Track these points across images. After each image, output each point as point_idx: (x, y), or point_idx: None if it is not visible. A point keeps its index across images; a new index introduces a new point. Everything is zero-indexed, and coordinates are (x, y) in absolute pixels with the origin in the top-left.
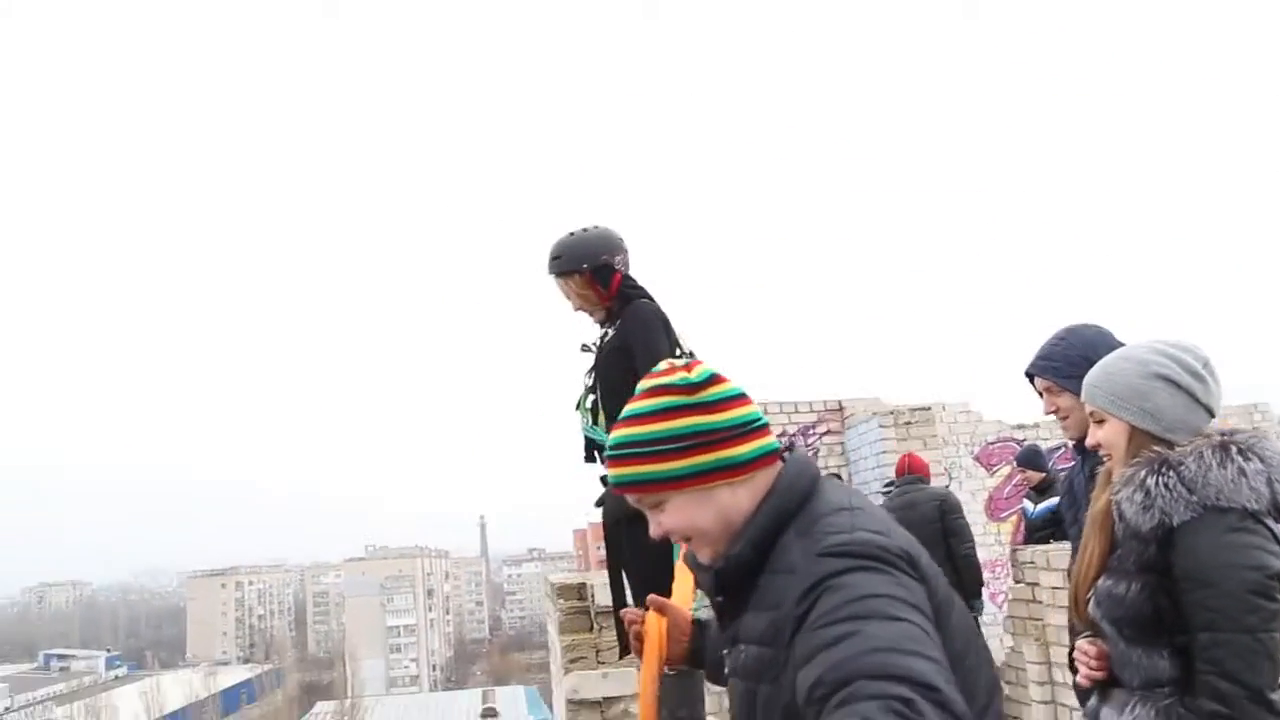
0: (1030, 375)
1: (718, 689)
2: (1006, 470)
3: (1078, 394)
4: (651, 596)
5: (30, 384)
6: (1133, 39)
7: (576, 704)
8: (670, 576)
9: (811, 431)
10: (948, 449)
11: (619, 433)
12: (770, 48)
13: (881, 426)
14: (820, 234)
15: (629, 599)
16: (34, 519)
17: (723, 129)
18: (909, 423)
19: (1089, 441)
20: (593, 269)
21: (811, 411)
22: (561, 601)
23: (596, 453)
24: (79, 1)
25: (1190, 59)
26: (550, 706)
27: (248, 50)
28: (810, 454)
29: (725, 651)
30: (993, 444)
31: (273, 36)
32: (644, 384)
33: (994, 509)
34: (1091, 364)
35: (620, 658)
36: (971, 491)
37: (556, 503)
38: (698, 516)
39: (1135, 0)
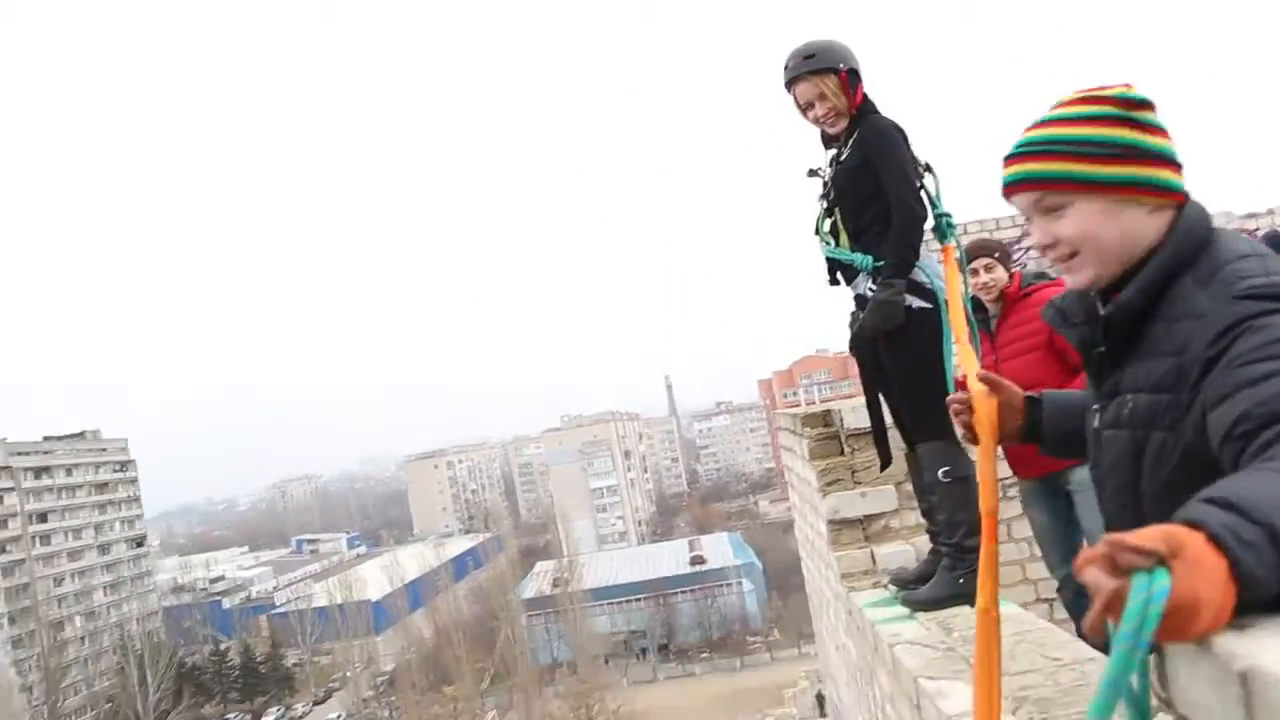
0: None
1: None
2: None
3: None
4: (982, 373)
5: (245, 313)
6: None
7: (838, 524)
8: (937, 384)
9: (1018, 246)
10: None
11: (1036, 132)
12: None
13: None
14: None
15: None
16: (269, 427)
17: None
18: None
19: None
20: (848, 70)
21: (1016, 226)
22: (808, 430)
23: (840, 275)
24: None
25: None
26: (751, 549)
27: None
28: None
29: (1095, 407)
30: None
31: None
32: (1074, 94)
33: None
34: None
35: (881, 470)
36: None
37: (737, 357)
38: (1103, 229)
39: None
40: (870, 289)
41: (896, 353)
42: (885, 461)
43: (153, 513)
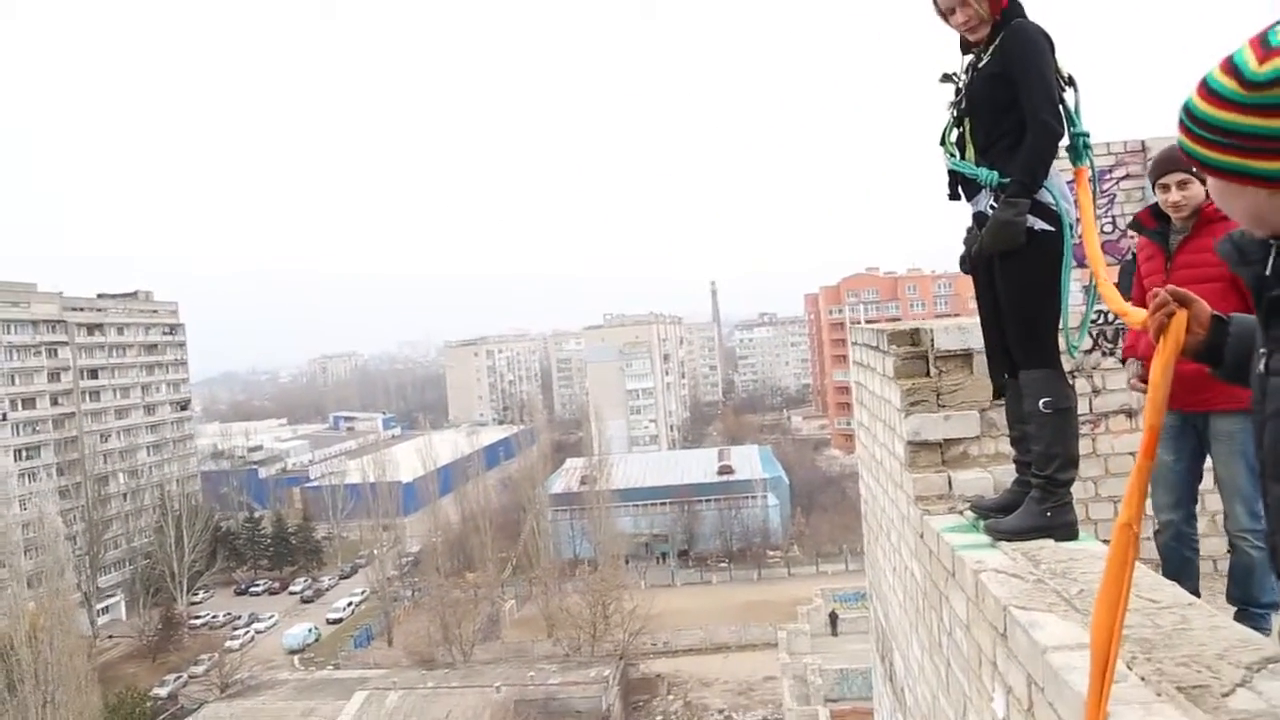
0: None
1: None
2: None
3: None
4: (1172, 287)
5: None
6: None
7: (917, 445)
8: (1051, 310)
9: (1107, 177)
10: None
11: (1187, 96)
12: None
13: None
14: None
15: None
16: (314, 301)
17: None
18: None
19: None
20: None
21: (1110, 154)
22: (895, 347)
23: (962, 188)
24: None
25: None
26: (780, 464)
27: None
28: (1106, 201)
29: (1263, 350)
30: None
31: None
32: (1228, 55)
33: None
34: None
35: (996, 398)
36: None
37: (786, 270)
38: (1227, 204)
39: None
40: (992, 206)
41: (1012, 275)
42: (999, 390)
43: (198, 378)
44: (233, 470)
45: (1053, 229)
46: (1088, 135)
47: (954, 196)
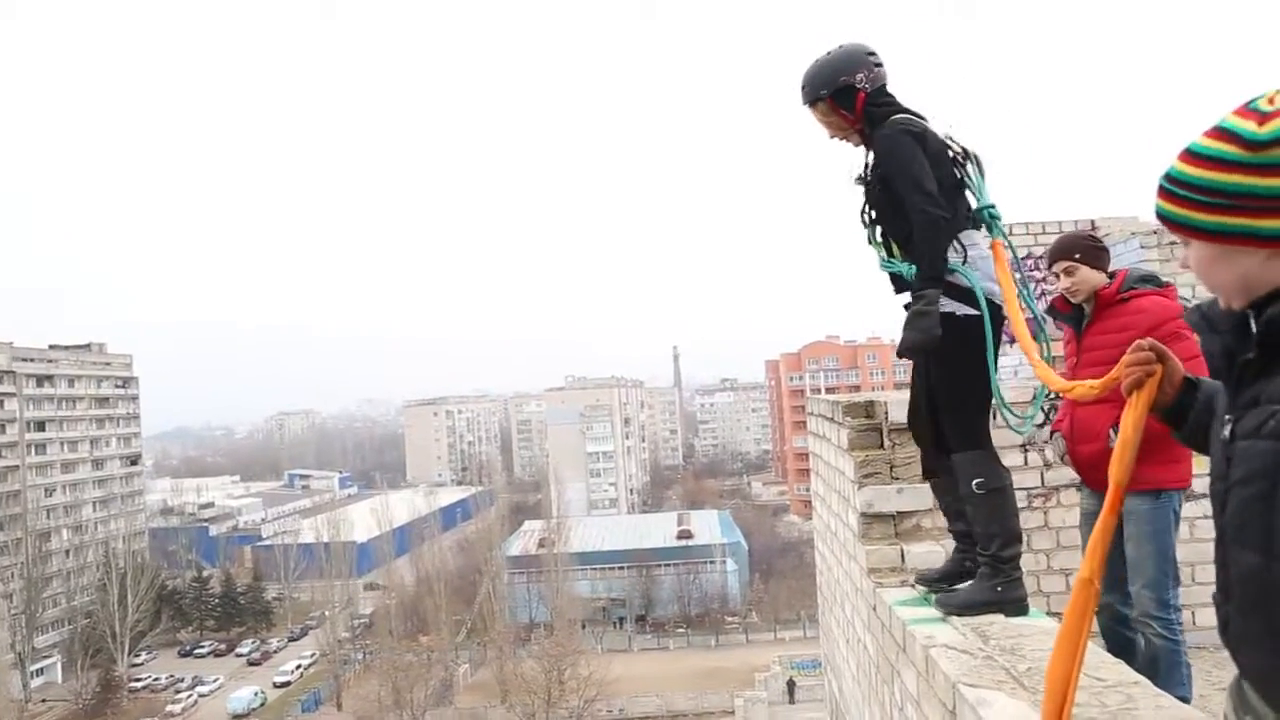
0: None
1: None
2: None
3: None
4: (1151, 341)
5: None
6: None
7: (870, 517)
8: (979, 394)
9: (1032, 259)
10: None
11: (1173, 164)
12: None
13: (1143, 247)
14: None
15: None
16: (272, 359)
17: None
18: (1173, 243)
19: None
20: (833, 94)
21: (1060, 231)
22: (849, 419)
23: (893, 284)
24: None
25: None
26: (739, 529)
27: None
28: (1042, 277)
29: (1228, 417)
30: None
31: None
32: (1216, 123)
33: None
34: None
35: (924, 479)
36: None
37: (747, 337)
38: (1216, 272)
39: None
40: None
41: (937, 362)
42: (928, 473)
43: (150, 432)
44: (182, 527)
45: (975, 312)
46: (993, 208)
47: (898, 291)
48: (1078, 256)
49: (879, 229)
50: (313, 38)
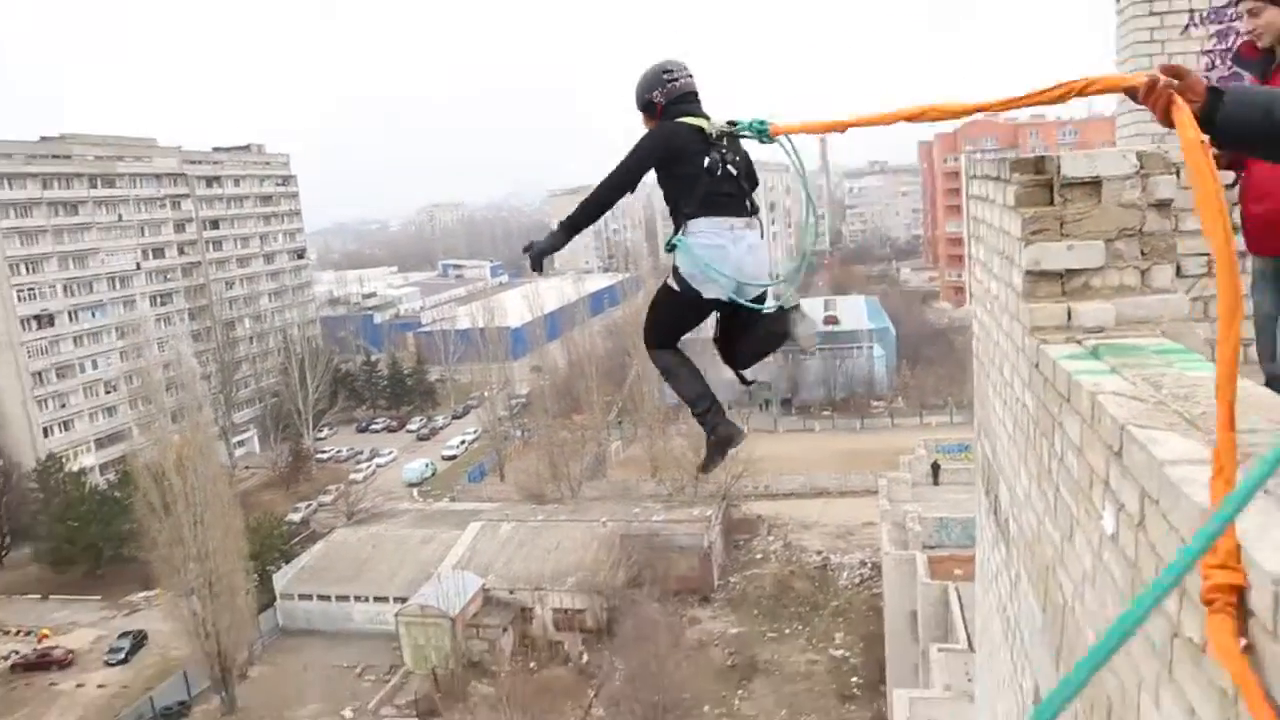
0: None
1: None
2: None
3: None
4: (1162, 64)
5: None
6: None
7: (1036, 275)
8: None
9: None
10: None
11: None
12: None
13: None
14: None
15: None
16: (421, 150)
17: None
18: None
19: None
20: (643, 109)
21: None
22: (1017, 175)
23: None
24: None
25: None
26: (887, 315)
27: None
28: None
29: None
30: None
31: None
32: None
33: None
34: None
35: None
36: None
37: None
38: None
39: None
40: None
41: (657, 297)
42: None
43: (311, 229)
44: (349, 316)
45: (676, 287)
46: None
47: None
48: None
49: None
50: None
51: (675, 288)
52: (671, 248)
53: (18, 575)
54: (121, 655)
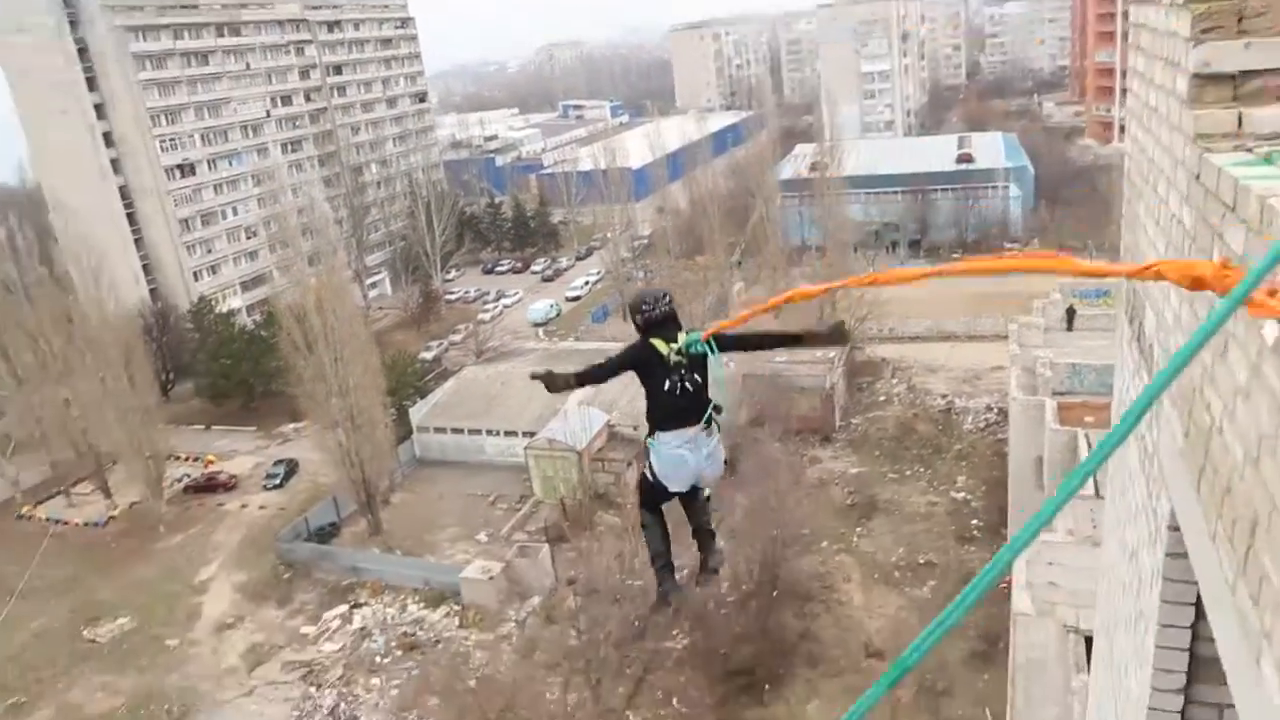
0: None
1: None
2: None
3: None
4: None
5: None
6: None
7: (1205, 79)
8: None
9: None
10: None
11: None
12: None
13: None
14: None
15: None
16: None
17: None
18: None
19: None
20: (632, 321)
21: None
22: None
23: None
24: None
25: None
26: (1025, 153)
27: None
28: None
29: None
30: None
31: None
32: None
33: None
34: None
35: None
36: None
37: None
38: None
39: None
40: None
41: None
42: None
43: (431, 72)
44: (471, 159)
45: (648, 476)
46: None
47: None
48: None
49: None
50: None
51: (650, 478)
52: (646, 449)
53: (182, 408)
54: (277, 480)
